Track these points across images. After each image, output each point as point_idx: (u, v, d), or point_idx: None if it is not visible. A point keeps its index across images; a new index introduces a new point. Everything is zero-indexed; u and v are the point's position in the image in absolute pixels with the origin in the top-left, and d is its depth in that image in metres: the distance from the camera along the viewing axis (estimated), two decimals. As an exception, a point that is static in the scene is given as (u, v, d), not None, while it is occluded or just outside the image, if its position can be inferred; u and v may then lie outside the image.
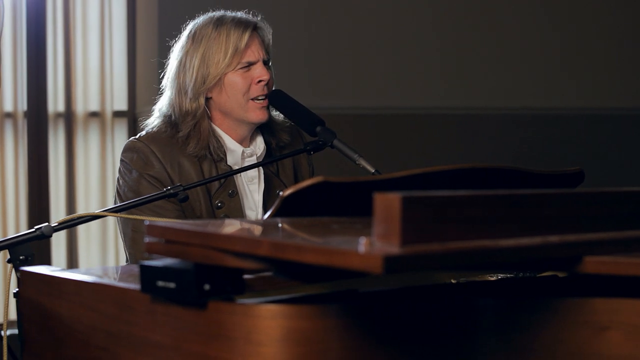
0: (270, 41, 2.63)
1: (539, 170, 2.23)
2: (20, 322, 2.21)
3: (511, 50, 5.73)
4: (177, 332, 1.62)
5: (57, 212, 5.54)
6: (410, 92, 5.56)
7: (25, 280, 1.95)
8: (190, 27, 2.65)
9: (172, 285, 1.59)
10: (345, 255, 1.34)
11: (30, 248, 2.23)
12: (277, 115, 2.68)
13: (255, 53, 2.58)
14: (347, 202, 1.98)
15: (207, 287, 1.57)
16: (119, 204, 2.36)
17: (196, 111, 2.56)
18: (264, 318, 1.53)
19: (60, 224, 2.24)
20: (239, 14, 2.62)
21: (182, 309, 1.61)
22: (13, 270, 2.21)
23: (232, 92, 2.57)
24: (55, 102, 5.52)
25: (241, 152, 2.62)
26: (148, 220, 2.39)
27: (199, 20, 2.64)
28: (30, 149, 5.46)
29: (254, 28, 2.59)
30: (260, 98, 2.58)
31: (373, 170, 2.40)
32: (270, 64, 2.63)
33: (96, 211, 2.28)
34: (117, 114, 5.63)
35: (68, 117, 5.51)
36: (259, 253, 1.46)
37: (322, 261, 1.37)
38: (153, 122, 2.68)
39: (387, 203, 1.41)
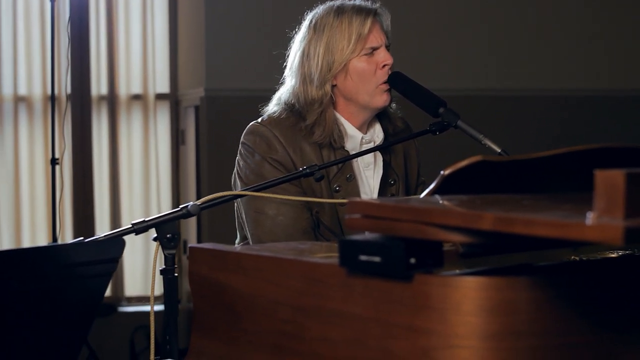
0: (389, 27, 2.67)
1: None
2: (167, 297, 2.28)
3: (554, 33, 5.82)
4: (378, 304, 1.67)
5: (101, 194, 5.59)
6: (455, 74, 5.63)
7: (195, 256, 2.00)
8: (309, 18, 2.68)
9: (377, 259, 1.65)
10: (582, 228, 1.41)
11: (175, 226, 2.28)
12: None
13: (377, 38, 2.63)
14: (500, 181, 2.06)
15: (412, 260, 1.63)
16: (254, 186, 2.41)
17: (323, 98, 2.61)
18: (473, 289, 1.59)
19: (203, 203, 2.30)
20: (357, 1, 2.67)
21: (383, 282, 1.66)
22: (160, 248, 2.28)
23: (358, 78, 2.62)
24: (98, 85, 5.56)
25: (360, 138, 2.68)
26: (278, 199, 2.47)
27: (318, 10, 2.67)
28: (74, 131, 5.50)
29: (375, 14, 2.65)
30: (385, 83, 2.64)
31: (499, 150, 2.46)
32: (389, 47, 2.68)
33: (236, 191, 2.35)
34: (160, 97, 5.68)
35: (111, 100, 5.55)
36: (480, 227, 1.53)
37: (553, 234, 1.44)
38: (272, 108, 2.72)
39: (611, 179, 1.47)
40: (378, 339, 1.68)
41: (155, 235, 2.27)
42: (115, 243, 2.11)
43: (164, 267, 2.27)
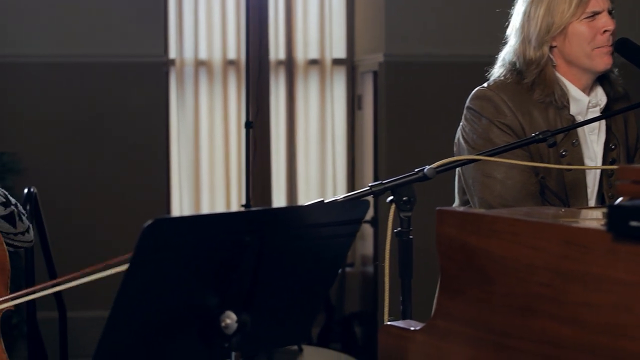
0: None
1: None
2: (402, 259, 2.34)
3: None
4: (646, 270, 1.68)
5: (278, 157, 5.70)
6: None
7: (444, 218, 2.03)
8: None
9: (648, 225, 1.66)
10: None
11: (412, 189, 2.33)
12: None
13: (600, 3, 2.62)
14: None
15: (684, 227, 1.63)
16: (487, 151, 2.44)
17: (540, 60, 2.63)
18: None
19: (439, 166, 2.33)
20: None
21: (652, 248, 1.67)
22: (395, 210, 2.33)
23: (577, 42, 2.63)
24: (276, 50, 5.65)
25: (587, 102, 2.68)
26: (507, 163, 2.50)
27: None
28: (252, 96, 5.62)
29: None
30: (604, 46, 2.63)
31: None
32: (613, 12, 2.67)
33: (471, 155, 2.38)
34: (336, 62, 5.74)
35: (289, 64, 5.64)
36: None
37: None
38: (497, 70, 2.75)
39: None
40: (646, 304, 1.68)
41: (391, 197, 2.33)
42: (358, 204, 2.16)
43: (399, 228, 2.33)
